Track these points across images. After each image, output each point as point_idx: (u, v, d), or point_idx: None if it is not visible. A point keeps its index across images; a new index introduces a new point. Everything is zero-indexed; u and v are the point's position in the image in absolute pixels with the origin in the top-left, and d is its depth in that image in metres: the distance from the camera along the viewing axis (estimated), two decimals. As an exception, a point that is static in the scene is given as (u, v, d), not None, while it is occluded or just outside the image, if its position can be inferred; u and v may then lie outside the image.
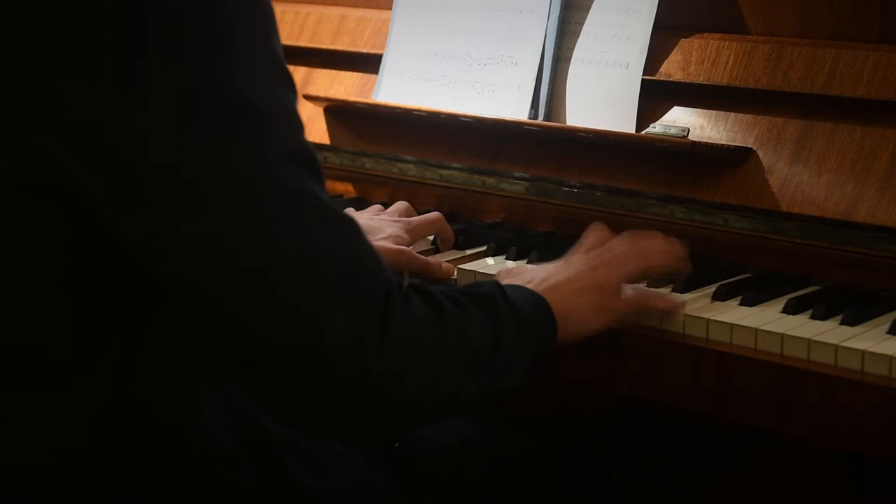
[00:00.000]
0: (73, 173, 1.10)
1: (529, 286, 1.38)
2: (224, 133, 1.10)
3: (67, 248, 1.14)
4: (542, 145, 1.84)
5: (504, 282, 1.38)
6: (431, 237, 1.77)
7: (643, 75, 1.75)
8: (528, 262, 1.66)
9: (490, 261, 1.68)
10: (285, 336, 1.14)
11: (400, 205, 1.80)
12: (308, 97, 2.05)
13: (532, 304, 1.34)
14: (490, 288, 1.32)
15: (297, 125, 1.17)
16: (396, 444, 1.47)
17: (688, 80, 1.74)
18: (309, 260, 1.14)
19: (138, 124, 1.08)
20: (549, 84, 1.84)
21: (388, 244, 1.63)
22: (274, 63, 1.15)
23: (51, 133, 1.08)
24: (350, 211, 1.65)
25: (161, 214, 1.11)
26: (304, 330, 1.14)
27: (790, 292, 1.53)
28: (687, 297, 1.53)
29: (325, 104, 2.06)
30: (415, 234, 1.72)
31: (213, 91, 1.10)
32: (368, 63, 2.06)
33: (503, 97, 1.88)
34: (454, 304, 1.25)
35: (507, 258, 1.69)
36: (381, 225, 1.70)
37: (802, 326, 1.42)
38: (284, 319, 1.14)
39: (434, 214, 1.76)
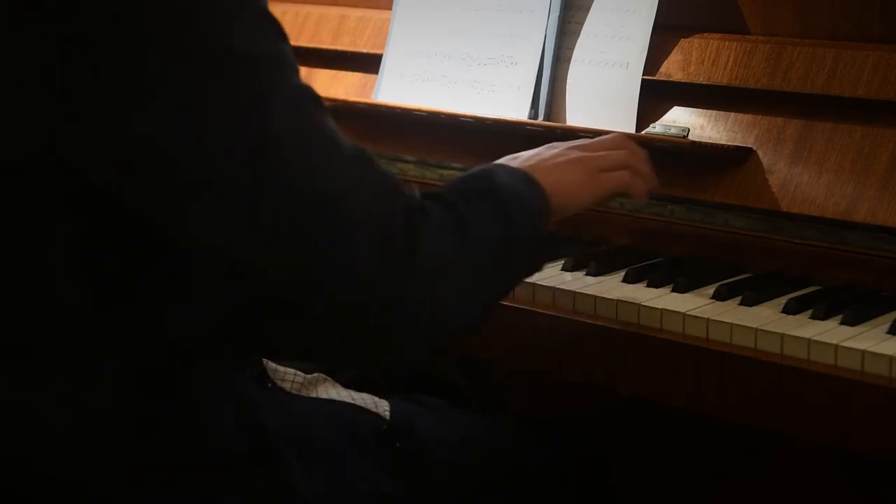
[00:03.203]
0: (81, 152, 1.11)
1: (515, 164, 1.40)
2: (228, 85, 1.13)
3: (79, 236, 1.15)
4: (543, 145, 1.84)
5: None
6: None
7: (643, 75, 1.75)
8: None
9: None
10: (316, 274, 1.16)
11: None
12: (308, 97, 2.04)
13: (523, 182, 1.36)
14: (489, 178, 1.33)
15: (295, 68, 1.19)
16: (398, 444, 1.47)
17: (688, 80, 1.74)
18: (329, 194, 1.16)
19: (139, 89, 1.10)
20: (549, 84, 1.84)
21: None
22: (262, 13, 1.17)
23: (77, 124, 1.10)
24: None
25: (176, 175, 1.13)
26: (334, 264, 1.16)
27: (790, 292, 1.53)
28: (687, 297, 1.53)
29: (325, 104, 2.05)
30: None
31: (212, 47, 1.12)
32: (368, 63, 2.06)
33: (503, 97, 1.88)
34: (467, 204, 1.27)
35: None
36: None
37: (802, 326, 1.42)
38: (313, 257, 1.16)
39: None
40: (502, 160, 1.43)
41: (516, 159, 1.43)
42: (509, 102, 1.87)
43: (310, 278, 1.16)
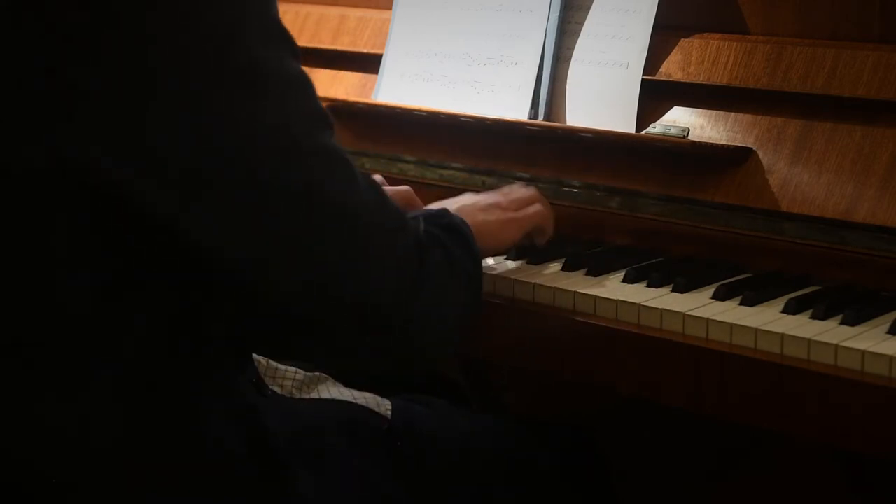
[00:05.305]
0: (106, 164, 1.12)
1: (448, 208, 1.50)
2: (253, 104, 1.14)
3: (80, 236, 1.16)
4: (542, 145, 1.84)
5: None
6: None
7: (643, 75, 1.75)
8: (527, 262, 1.66)
9: (490, 261, 1.68)
10: (337, 294, 1.21)
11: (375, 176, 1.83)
12: (308, 97, 2.04)
13: (461, 224, 1.45)
14: (455, 219, 1.44)
15: (313, 89, 1.23)
16: (398, 444, 1.47)
17: (688, 80, 1.74)
18: (352, 217, 1.21)
19: (139, 89, 1.11)
20: (549, 84, 1.84)
21: None
22: (281, 33, 1.19)
23: (78, 124, 1.11)
24: None
25: (178, 175, 1.14)
26: (355, 285, 1.21)
27: (790, 292, 1.53)
28: (687, 297, 1.53)
29: (325, 104, 2.03)
30: None
31: (237, 65, 1.14)
32: (368, 63, 2.06)
33: (503, 97, 1.88)
34: (447, 242, 1.36)
35: (506, 258, 1.69)
36: None
37: (802, 326, 1.42)
38: (336, 278, 1.20)
39: (403, 187, 1.79)
40: (433, 205, 1.54)
41: (444, 206, 1.52)
42: (509, 102, 1.87)
43: (320, 285, 1.20)
